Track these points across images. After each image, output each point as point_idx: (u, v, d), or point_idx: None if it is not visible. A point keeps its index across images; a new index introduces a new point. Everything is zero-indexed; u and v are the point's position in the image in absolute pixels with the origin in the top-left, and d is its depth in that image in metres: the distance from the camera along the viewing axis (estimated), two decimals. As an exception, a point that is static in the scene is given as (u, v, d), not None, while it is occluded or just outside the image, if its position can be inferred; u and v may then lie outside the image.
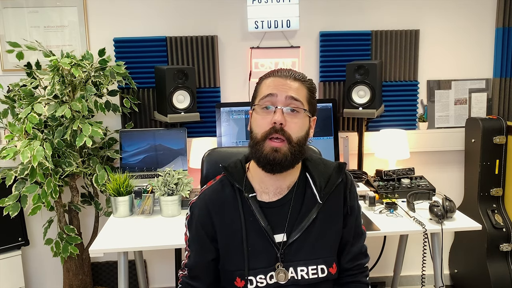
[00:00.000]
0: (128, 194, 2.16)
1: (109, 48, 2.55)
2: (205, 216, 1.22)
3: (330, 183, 1.21)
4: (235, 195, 1.22)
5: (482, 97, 2.79)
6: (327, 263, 1.20)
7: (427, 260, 2.08)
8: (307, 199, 1.21)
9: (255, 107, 1.17)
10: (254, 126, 1.17)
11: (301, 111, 1.14)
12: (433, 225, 1.95)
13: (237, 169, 1.24)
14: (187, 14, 2.62)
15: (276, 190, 1.21)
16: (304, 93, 1.16)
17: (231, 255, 1.20)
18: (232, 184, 1.23)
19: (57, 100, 2.20)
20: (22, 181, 2.25)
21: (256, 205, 1.19)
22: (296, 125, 1.14)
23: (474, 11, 2.72)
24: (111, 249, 1.82)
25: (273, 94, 1.14)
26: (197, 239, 1.23)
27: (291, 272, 1.18)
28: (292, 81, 1.16)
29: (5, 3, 2.53)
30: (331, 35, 2.66)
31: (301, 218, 1.19)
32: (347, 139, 2.65)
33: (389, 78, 2.72)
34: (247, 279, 1.17)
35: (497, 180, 2.59)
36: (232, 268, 1.19)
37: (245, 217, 1.19)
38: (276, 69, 1.21)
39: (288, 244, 1.17)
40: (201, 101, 2.64)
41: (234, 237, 1.19)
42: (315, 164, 1.24)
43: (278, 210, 1.20)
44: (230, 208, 1.21)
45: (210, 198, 1.23)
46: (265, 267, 1.18)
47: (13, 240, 2.51)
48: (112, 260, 2.77)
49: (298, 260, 1.18)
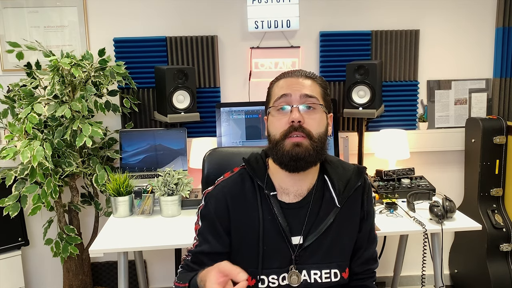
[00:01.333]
0: (128, 194, 2.16)
1: (109, 48, 2.55)
2: (222, 207, 1.18)
3: (349, 186, 1.19)
4: (255, 191, 1.18)
5: (482, 97, 2.79)
6: (341, 268, 1.19)
7: (427, 260, 2.08)
8: (325, 202, 1.18)
9: (270, 110, 1.15)
10: (271, 128, 1.14)
11: (317, 107, 1.13)
12: (433, 225, 1.95)
13: (259, 165, 1.21)
14: (187, 14, 2.62)
15: (296, 192, 1.18)
16: (318, 90, 1.15)
17: (245, 252, 1.17)
18: (252, 179, 1.20)
19: (57, 100, 2.20)
20: (22, 181, 2.25)
21: (277, 204, 1.16)
22: (315, 121, 1.11)
23: (474, 11, 2.72)
24: (111, 249, 1.82)
25: (287, 94, 1.12)
26: (211, 230, 1.19)
27: (304, 275, 1.16)
28: (304, 79, 1.15)
29: (5, 3, 2.53)
30: (331, 35, 2.66)
31: (318, 222, 1.17)
32: (347, 139, 2.65)
33: (389, 78, 2.72)
34: (259, 278, 1.15)
35: (497, 180, 2.59)
36: (243, 265, 1.14)
37: (264, 215, 1.16)
38: (286, 71, 1.19)
39: (304, 247, 1.16)
40: (201, 101, 2.64)
41: (250, 234, 1.16)
42: (334, 167, 1.22)
43: (297, 212, 1.18)
44: (249, 204, 1.17)
45: (229, 190, 1.19)
46: (279, 267, 1.16)
47: (13, 240, 2.51)
48: (112, 260, 2.77)
49: (312, 264, 1.16)
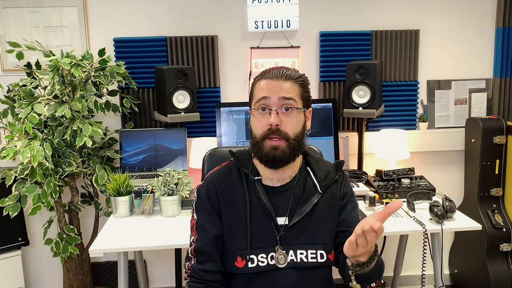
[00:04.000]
0: (128, 194, 2.16)
1: (109, 48, 2.55)
2: (213, 194, 1.27)
3: (329, 177, 1.30)
4: (241, 178, 1.29)
5: (482, 97, 2.79)
6: (327, 249, 1.26)
7: (427, 260, 2.08)
8: (308, 187, 1.29)
9: (252, 111, 1.25)
10: (253, 128, 1.25)
11: (294, 109, 1.21)
12: (433, 225, 1.95)
13: (244, 156, 1.32)
14: (187, 14, 2.62)
15: (279, 178, 1.28)
16: (296, 90, 1.23)
17: (234, 235, 1.24)
18: (238, 169, 1.30)
19: (57, 100, 2.20)
20: (22, 181, 2.25)
21: (262, 187, 1.26)
22: (291, 123, 1.21)
23: (474, 11, 2.72)
24: (111, 249, 1.82)
25: (266, 97, 1.20)
26: (206, 216, 1.27)
27: (291, 255, 1.23)
28: (284, 81, 1.21)
29: (5, 3, 2.53)
30: (331, 35, 2.66)
31: (302, 203, 1.26)
32: (347, 139, 2.65)
33: (389, 78, 2.72)
34: (248, 258, 1.21)
35: (497, 180, 2.59)
36: (234, 247, 1.24)
37: (250, 198, 1.26)
38: (268, 69, 1.26)
39: (289, 226, 1.23)
40: (201, 101, 2.64)
41: (238, 217, 1.25)
42: (315, 161, 1.34)
43: (281, 194, 1.27)
44: (236, 189, 1.28)
45: (218, 178, 1.30)
46: (266, 247, 1.23)
47: (13, 240, 2.51)
48: (112, 260, 2.77)
49: (298, 244, 1.24)
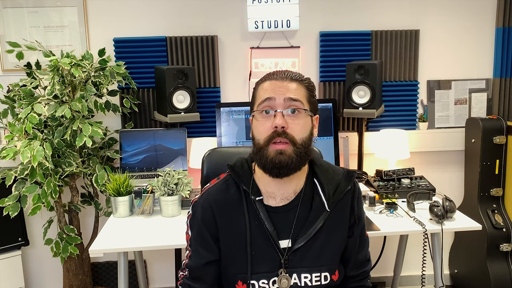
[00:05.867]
0: (128, 194, 2.16)
1: (109, 48, 2.55)
2: (209, 215, 1.18)
3: (339, 190, 1.18)
4: (240, 197, 1.18)
5: (482, 97, 2.79)
6: (330, 271, 1.18)
7: (427, 260, 2.08)
8: (315, 206, 1.17)
9: (255, 113, 1.14)
10: (255, 132, 1.13)
11: (301, 111, 1.11)
12: (433, 225, 1.95)
13: (244, 170, 1.20)
14: (187, 14, 2.62)
15: (282, 195, 1.17)
16: (303, 93, 1.13)
17: (234, 258, 1.17)
18: (237, 184, 1.19)
19: (57, 100, 2.20)
20: (22, 181, 2.25)
21: (263, 209, 1.16)
22: (298, 126, 1.10)
23: (474, 11, 2.72)
24: (111, 249, 1.82)
25: (271, 98, 1.10)
26: (200, 239, 1.19)
27: (294, 278, 1.16)
28: (289, 82, 1.13)
29: (5, 3, 2.53)
30: (331, 35, 2.66)
31: (307, 226, 1.16)
32: (347, 139, 2.65)
33: (389, 78, 2.72)
34: (249, 283, 1.15)
35: (497, 180, 2.59)
36: (234, 271, 1.17)
37: (251, 220, 1.16)
38: (272, 72, 1.17)
39: (293, 250, 1.15)
40: (201, 101, 2.64)
41: (238, 240, 1.16)
42: (324, 170, 1.21)
43: (284, 215, 1.17)
44: (235, 210, 1.17)
45: (214, 198, 1.19)
46: (268, 272, 1.15)
47: (13, 240, 2.51)
48: (112, 260, 2.77)
49: (302, 267, 1.16)
